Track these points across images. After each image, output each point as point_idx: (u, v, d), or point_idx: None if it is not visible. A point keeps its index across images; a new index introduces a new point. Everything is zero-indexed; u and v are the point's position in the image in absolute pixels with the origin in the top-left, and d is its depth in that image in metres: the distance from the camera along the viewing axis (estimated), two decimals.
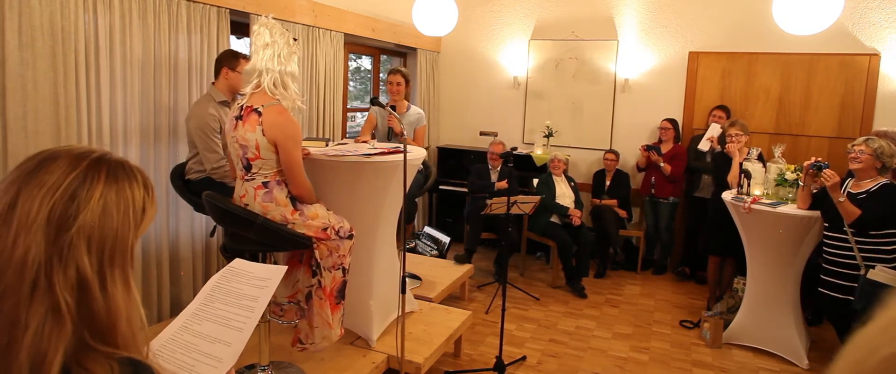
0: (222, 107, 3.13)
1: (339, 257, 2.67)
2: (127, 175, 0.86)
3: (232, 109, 2.55)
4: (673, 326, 4.34)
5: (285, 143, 2.43)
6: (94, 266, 0.79)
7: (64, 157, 0.83)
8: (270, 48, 2.43)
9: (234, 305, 1.18)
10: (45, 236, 0.77)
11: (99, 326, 0.79)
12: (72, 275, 0.77)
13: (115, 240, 0.82)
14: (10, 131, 2.55)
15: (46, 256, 0.76)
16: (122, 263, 0.83)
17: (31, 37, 2.58)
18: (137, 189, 0.86)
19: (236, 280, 1.24)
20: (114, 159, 0.86)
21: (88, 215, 0.79)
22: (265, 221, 2.46)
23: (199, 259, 3.62)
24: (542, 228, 5.08)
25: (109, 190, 0.82)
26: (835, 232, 3.39)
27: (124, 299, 0.82)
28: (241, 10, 3.64)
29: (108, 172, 0.84)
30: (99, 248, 0.80)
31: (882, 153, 3.24)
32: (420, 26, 4.65)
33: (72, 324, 0.76)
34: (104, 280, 0.80)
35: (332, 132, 4.71)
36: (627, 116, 5.84)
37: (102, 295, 0.79)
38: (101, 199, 0.81)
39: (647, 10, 5.66)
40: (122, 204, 0.83)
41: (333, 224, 2.63)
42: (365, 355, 3.08)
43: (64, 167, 0.81)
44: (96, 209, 0.80)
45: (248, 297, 1.20)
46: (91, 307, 0.78)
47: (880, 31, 4.93)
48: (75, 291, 0.77)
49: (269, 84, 2.42)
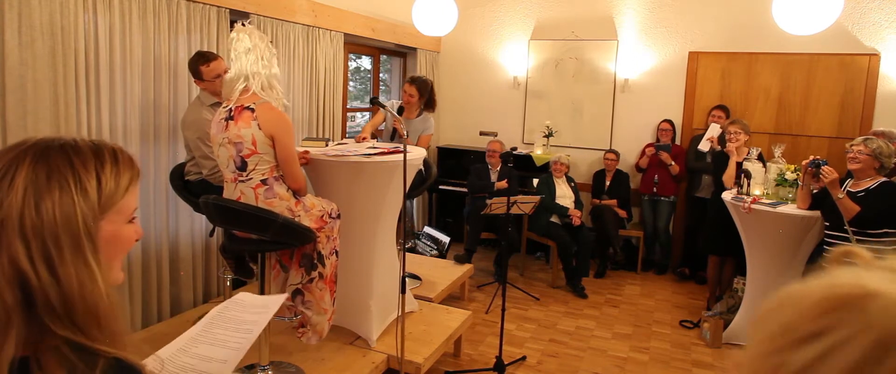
0: (214, 108, 3.11)
1: (334, 241, 2.72)
2: (63, 154, 0.80)
3: (219, 112, 2.54)
4: (673, 326, 4.34)
5: (282, 136, 2.45)
6: (34, 253, 0.74)
7: (4, 150, 0.80)
8: (253, 53, 2.45)
9: (232, 329, 1.19)
10: None
11: (59, 311, 0.75)
12: (8, 268, 0.73)
13: (57, 223, 0.76)
14: (9, 131, 2.55)
15: None
16: (75, 245, 0.76)
17: (31, 37, 2.58)
18: (82, 166, 0.80)
19: (237, 309, 1.25)
20: (48, 143, 0.81)
21: (13, 201, 0.75)
22: (286, 219, 2.46)
23: (198, 259, 3.62)
24: (542, 228, 5.08)
25: (37, 173, 0.77)
26: (835, 230, 3.39)
27: (83, 281, 0.76)
28: (241, 10, 3.64)
29: (35, 155, 0.78)
30: (36, 234, 0.74)
31: (880, 153, 3.25)
32: (420, 26, 4.65)
33: (18, 317, 0.73)
34: (52, 266, 0.75)
35: (332, 132, 4.71)
36: (627, 116, 5.84)
37: (53, 281, 0.74)
38: (26, 183, 0.76)
39: (647, 10, 5.66)
40: (55, 184, 0.77)
41: (326, 209, 2.67)
42: (365, 355, 3.08)
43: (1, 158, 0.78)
44: (20, 195, 0.75)
45: (247, 322, 1.21)
46: (44, 295, 0.74)
47: (880, 31, 4.93)
48: (17, 284, 0.73)
49: (258, 87, 2.45)
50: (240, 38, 2.46)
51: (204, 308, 3.50)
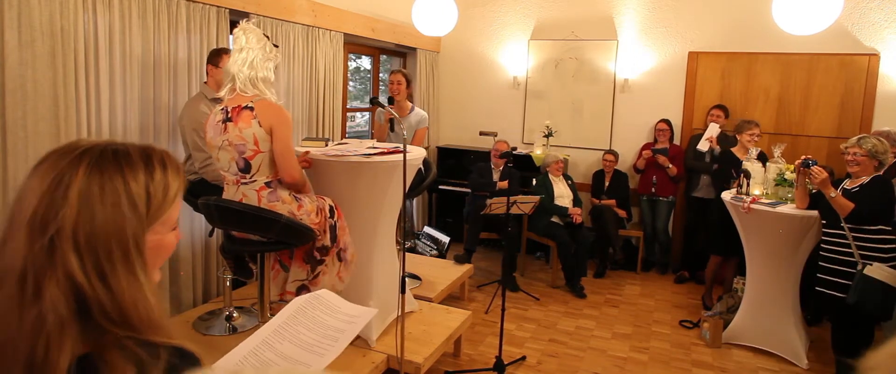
0: (215, 103, 3.13)
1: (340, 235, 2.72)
2: (117, 164, 0.80)
3: (214, 114, 2.53)
4: (673, 326, 4.34)
5: (280, 128, 2.45)
6: (87, 266, 0.75)
7: (53, 154, 0.80)
8: (244, 53, 2.46)
9: (318, 333, 1.16)
10: (28, 236, 0.74)
11: (114, 316, 0.76)
12: (63, 279, 0.74)
13: (109, 236, 0.76)
14: (9, 131, 2.55)
15: (33, 258, 0.74)
16: (125, 258, 0.77)
17: (31, 37, 2.57)
18: (133, 177, 0.80)
19: (322, 310, 1.22)
20: (102, 150, 0.81)
21: (68, 214, 0.75)
22: (289, 220, 2.46)
23: (198, 259, 3.62)
24: (542, 228, 5.08)
25: (91, 184, 0.77)
26: (832, 229, 3.39)
27: (131, 291, 0.77)
28: (241, 10, 3.64)
29: (89, 164, 0.78)
30: (89, 247, 0.75)
31: (877, 152, 3.25)
32: (420, 26, 4.65)
33: (72, 328, 0.74)
34: (105, 278, 0.76)
35: (331, 132, 4.71)
36: (627, 116, 5.84)
37: (107, 292, 0.76)
38: (81, 195, 0.76)
39: (647, 10, 5.66)
40: (108, 197, 0.77)
41: (320, 206, 2.66)
42: (365, 355, 3.08)
43: (47, 166, 0.78)
44: (75, 208, 0.75)
45: (333, 328, 1.18)
46: (99, 304, 0.75)
47: (880, 31, 4.93)
48: (71, 294, 0.74)
49: (241, 88, 2.45)
50: (237, 36, 2.48)
51: (204, 308, 3.50)
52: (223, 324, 3.30)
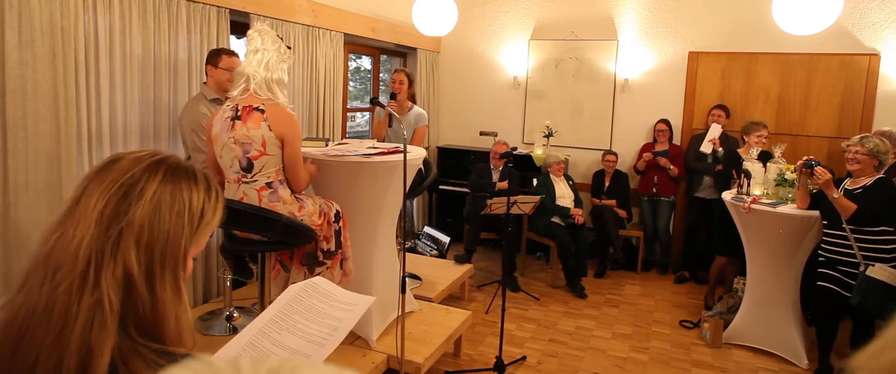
0: (214, 104, 3.14)
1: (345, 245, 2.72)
2: (187, 177, 0.85)
3: (221, 111, 2.54)
4: (673, 326, 4.34)
5: (292, 138, 2.47)
6: (141, 265, 0.79)
7: (128, 157, 0.84)
8: (259, 54, 2.48)
9: (316, 322, 1.15)
10: (97, 228, 0.78)
11: (145, 325, 0.79)
12: (119, 272, 0.78)
13: (167, 242, 0.81)
14: (9, 131, 2.55)
15: (97, 249, 0.77)
16: (173, 266, 0.82)
17: (31, 37, 2.57)
18: (197, 192, 0.86)
19: (318, 299, 1.21)
20: (176, 162, 0.86)
21: (139, 212, 0.80)
22: (289, 220, 2.47)
23: (198, 259, 3.61)
24: (542, 228, 5.08)
25: (164, 189, 0.82)
26: (833, 229, 3.39)
27: (173, 302, 0.82)
28: (241, 9, 3.64)
29: (166, 171, 0.84)
30: (148, 247, 0.80)
31: (878, 151, 3.25)
32: (420, 26, 4.65)
33: (115, 323, 0.76)
34: (152, 281, 0.80)
35: (332, 132, 4.71)
36: (627, 116, 5.84)
37: (150, 296, 0.79)
38: (155, 197, 0.81)
39: (647, 10, 5.66)
40: (176, 205, 0.83)
41: (325, 211, 2.66)
42: (365, 355, 3.08)
43: (124, 165, 0.83)
44: (148, 207, 0.80)
45: (332, 317, 1.18)
46: (137, 306, 0.79)
47: (880, 31, 4.93)
48: (122, 288, 0.78)
49: (256, 89, 2.46)
50: (252, 37, 2.50)
51: (204, 308, 3.50)
52: (223, 324, 3.30)
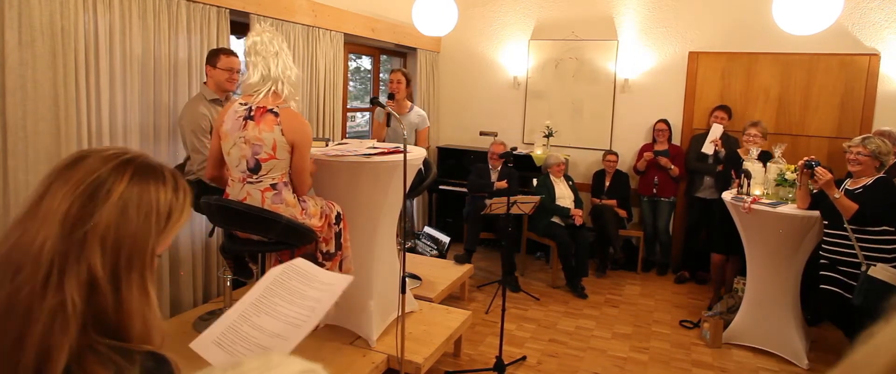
0: (213, 105, 3.13)
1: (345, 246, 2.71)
2: (155, 177, 0.84)
3: (235, 109, 2.51)
4: (673, 326, 4.34)
5: (302, 145, 2.47)
6: (107, 268, 0.78)
7: (94, 155, 0.83)
8: (280, 56, 2.47)
9: (296, 304, 1.16)
10: (61, 230, 0.77)
11: (110, 326, 0.79)
12: (84, 274, 0.77)
13: (133, 244, 0.80)
14: (9, 131, 2.55)
15: (61, 250, 0.76)
16: (140, 267, 0.81)
17: (31, 37, 2.57)
18: (164, 193, 0.85)
19: (299, 280, 1.22)
20: (144, 161, 0.85)
21: (105, 215, 0.79)
22: (290, 221, 2.46)
23: (198, 259, 3.62)
24: (542, 228, 5.08)
25: (132, 191, 0.81)
26: (834, 229, 3.39)
27: (140, 303, 0.81)
28: (241, 9, 3.64)
29: (134, 171, 0.83)
30: (114, 250, 0.79)
31: (880, 152, 3.25)
32: (420, 26, 4.65)
33: (77, 324, 0.75)
34: (118, 283, 0.79)
35: (332, 132, 4.71)
36: (627, 116, 5.84)
37: (115, 297, 0.79)
38: (122, 199, 0.80)
39: (647, 10, 5.66)
40: (143, 207, 0.82)
41: (327, 212, 2.66)
42: (365, 355, 3.08)
43: (91, 165, 0.81)
44: (114, 210, 0.79)
45: (311, 298, 1.18)
46: (102, 309, 0.78)
47: (880, 31, 4.93)
48: (85, 290, 0.77)
49: (287, 95, 2.47)
50: (269, 42, 2.46)
51: (204, 308, 3.50)
52: None
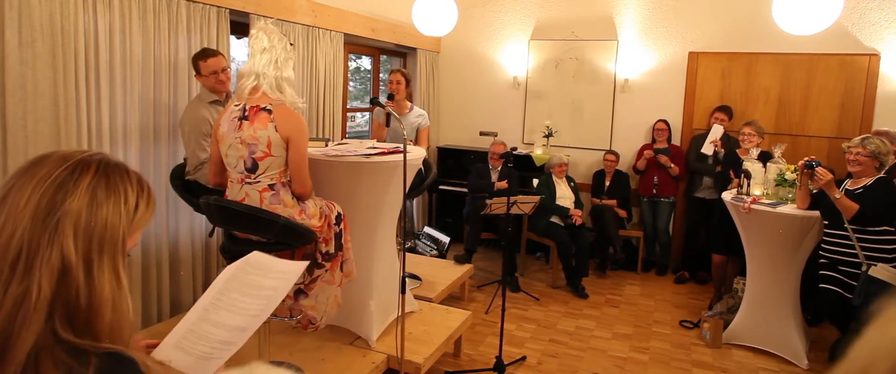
0: (214, 107, 3.13)
1: (346, 247, 2.71)
2: (119, 172, 0.87)
3: (229, 111, 2.52)
4: (673, 326, 4.34)
5: (298, 139, 2.46)
6: (79, 251, 0.79)
7: (54, 155, 0.85)
8: (268, 53, 2.46)
9: (253, 295, 1.17)
10: (32, 219, 0.78)
11: (79, 315, 0.79)
12: (55, 259, 0.78)
13: (105, 229, 0.82)
14: (9, 131, 2.55)
15: (31, 239, 0.78)
16: (112, 253, 0.83)
17: (31, 37, 2.57)
18: (130, 186, 0.87)
19: (256, 273, 1.23)
20: (104, 159, 0.88)
21: (76, 202, 0.81)
22: (288, 221, 2.46)
23: (198, 259, 3.62)
24: (542, 228, 5.08)
25: (98, 181, 0.84)
26: (835, 229, 3.39)
27: (112, 289, 0.82)
28: (241, 9, 3.64)
29: (97, 167, 0.85)
30: (86, 234, 0.81)
31: (879, 152, 3.25)
32: (420, 26, 4.65)
33: (42, 315, 0.76)
34: (90, 267, 0.80)
35: (331, 132, 4.71)
36: (627, 117, 5.84)
37: (87, 283, 0.79)
38: (90, 187, 0.82)
39: (647, 10, 5.66)
40: (112, 195, 0.84)
41: (326, 212, 2.66)
42: (365, 355, 3.08)
43: (54, 162, 0.84)
44: (84, 197, 0.82)
45: (268, 288, 1.19)
46: (73, 295, 0.78)
47: (880, 31, 4.93)
48: (56, 277, 0.77)
49: (267, 88, 2.45)
50: (258, 36, 2.47)
51: None
52: None
